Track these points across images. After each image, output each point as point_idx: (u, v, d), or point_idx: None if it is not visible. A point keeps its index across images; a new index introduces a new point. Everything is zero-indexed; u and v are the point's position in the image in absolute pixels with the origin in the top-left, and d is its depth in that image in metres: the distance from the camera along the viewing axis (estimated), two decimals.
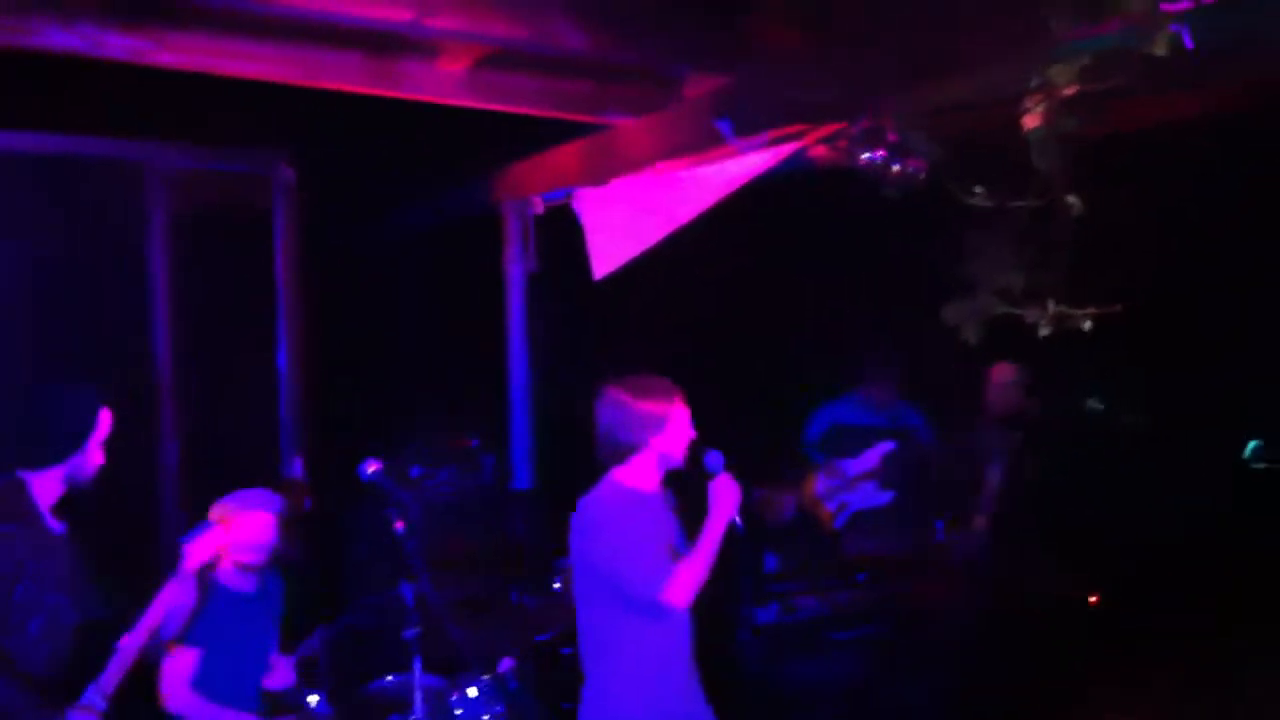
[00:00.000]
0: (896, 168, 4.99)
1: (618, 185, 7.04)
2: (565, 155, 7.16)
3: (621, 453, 4.28)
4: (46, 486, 4.07)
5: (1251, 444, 6.29)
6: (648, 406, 4.24)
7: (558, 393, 7.90)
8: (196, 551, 4.34)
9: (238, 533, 5.15)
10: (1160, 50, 3.80)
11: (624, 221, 7.05)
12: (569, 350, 7.97)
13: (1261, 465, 6.26)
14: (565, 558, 5.95)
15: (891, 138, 4.91)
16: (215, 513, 5.19)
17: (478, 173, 7.79)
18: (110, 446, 4.23)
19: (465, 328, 8.02)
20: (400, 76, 5.57)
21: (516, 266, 7.82)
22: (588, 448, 7.97)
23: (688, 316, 7.85)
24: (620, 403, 4.27)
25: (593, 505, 4.27)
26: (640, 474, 4.29)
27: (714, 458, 4.29)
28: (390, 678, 5.15)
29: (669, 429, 4.25)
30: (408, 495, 4.85)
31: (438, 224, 8.28)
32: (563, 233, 7.40)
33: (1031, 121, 4.06)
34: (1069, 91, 3.98)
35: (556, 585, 5.87)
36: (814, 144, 5.69)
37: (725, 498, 4.24)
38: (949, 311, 4.49)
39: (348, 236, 7.80)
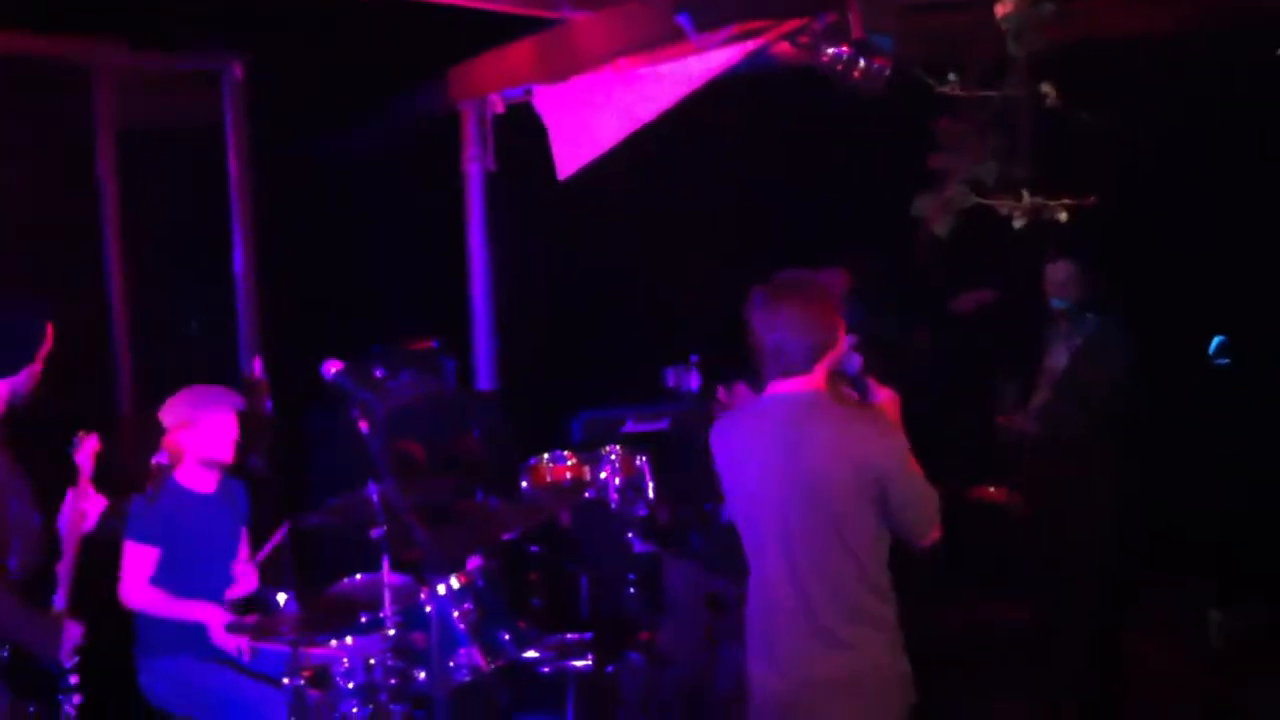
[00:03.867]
0: (861, 65, 4.88)
1: (578, 83, 6.92)
2: (522, 51, 7.05)
3: (806, 364, 3.72)
4: None
5: (1215, 340, 6.33)
6: (835, 302, 3.76)
7: (519, 294, 7.86)
8: (82, 457, 4.33)
9: (199, 433, 5.13)
10: None
11: (586, 121, 6.94)
12: (530, 252, 7.92)
13: (1224, 362, 6.31)
14: (531, 458, 6.02)
15: (856, 34, 4.77)
16: (172, 414, 5.16)
17: (433, 71, 7.66)
18: (62, 357, 4.21)
19: (425, 229, 7.95)
20: None
21: (475, 166, 7.70)
22: (549, 349, 8.03)
23: (650, 217, 7.79)
24: (804, 300, 3.71)
25: (848, 422, 3.70)
26: (819, 384, 3.76)
27: (851, 361, 3.87)
28: (359, 577, 5.13)
29: (843, 334, 3.77)
30: (370, 396, 4.77)
31: (394, 125, 8.16)
32: (523, 132, 7.30)
33: (1004, 7, 3.97)
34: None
35: (523, 484, 5.85)
36: (776, 40, 5.61)
37: (890, 402, 3.86)
38: (919, 203, 4.41)
39: (302, 138, 7.68)
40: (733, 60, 6.04)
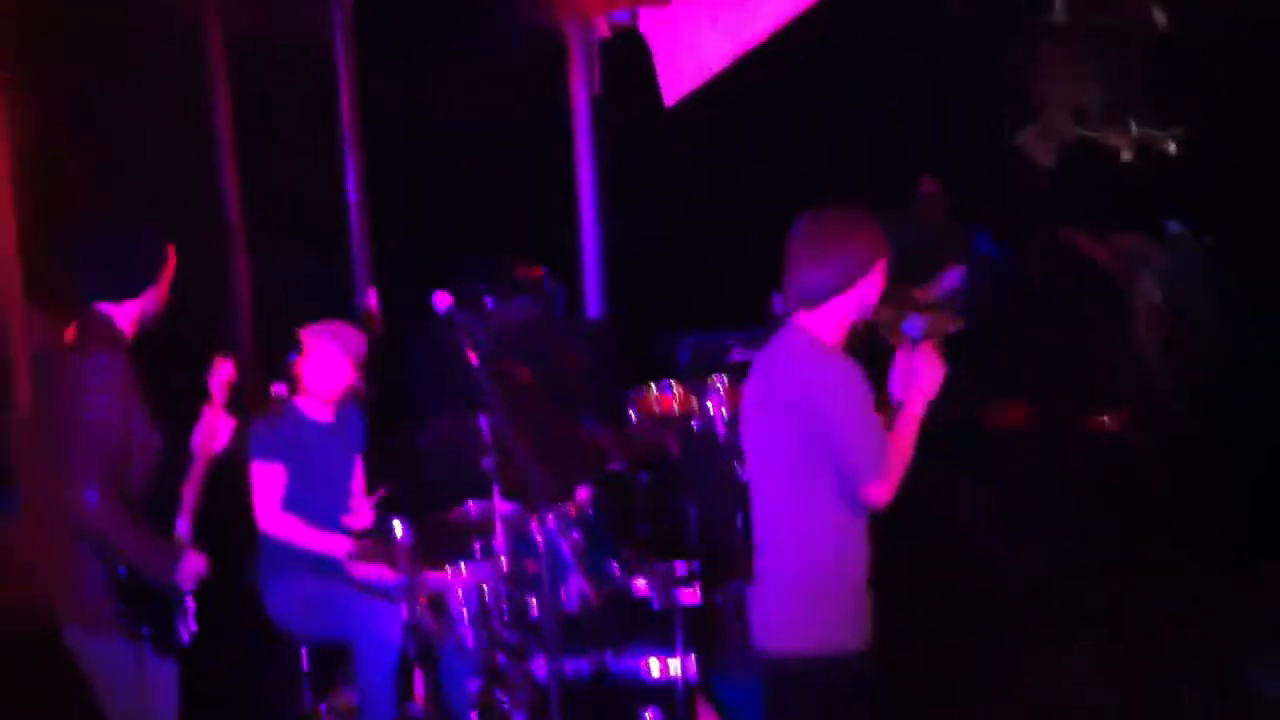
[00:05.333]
0: None
1: (684, 4, 6.87)
2: None
3: (816, 298, 3.61)
4: (124, 319, 4.13)
5: None
6: (862, 241, 3.59)
7: (627, 219, 7.85)
8: (216, 381, 4.41)
9: (317, 363, 5.22)
10: None
11: (692, 44, 6.90)
12: (639, 177, 7.90)
13: None
14: (638, 388, 6.06)
15: None
16: (297, 345, 5.26)
17: None
18: (181, 282, 4.30)
19: (531, 151, 7.94)
20: None
21: (582, 91, 7.69)
22: (658, 273, 8.03)
23: (759, 143, 7.72)
24: (829, 232, 3.60)
25: (807, 361, 3.61)
26: (830, 326, 3.64)
27: (913, 324, 3.72)
28: (471, 504, 5.22)
29: (875, 274, 3.62)
30: (480, 329, 4.82)
31: (499, 48, 8.14)
32: (629, 56, 7.26)
33: None
34: None
35: (630, 415, 5.90)
36: None
37: (929, 374, 3.67)
38: (1021, 136, 4.27)
39: (409, 64, 7.70)
40: None
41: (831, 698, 3.66)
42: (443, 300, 4.53)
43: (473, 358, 4.54)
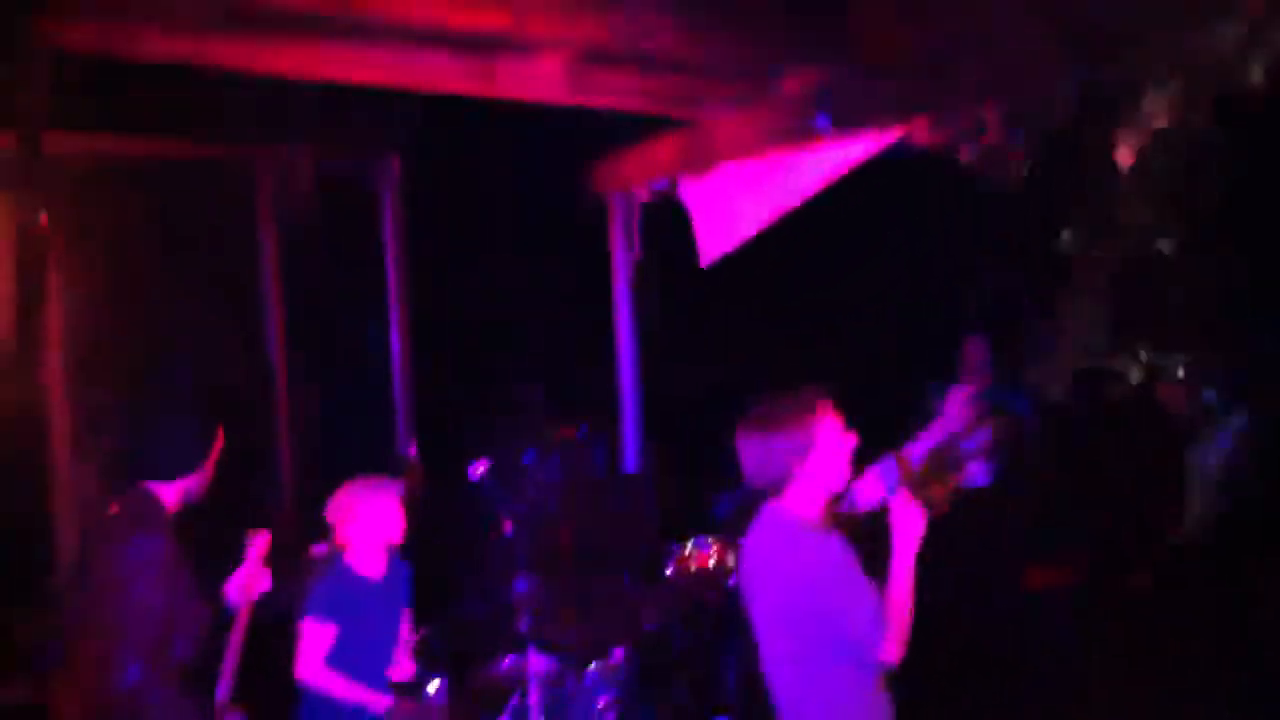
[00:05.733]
0: (997, 159, 4.92)
1: (721, 172, 7.08)
2: (666, 147, 7.23)
3: (772, 486, 3.74)
4: (170, 497, 4.27)
5: None
6: (787, 432, 3.68)
7: (665, 379, 7.99)
8: (253, 550, 4.50)
9: (363, 522, 5.29)
10: None
11: (729, 208, 7.09)
12: (676, 337, 8.05)
13: None
14: (675, 545, 6.13)
15: (992, 138, 4.81)
16: (336, 509, 5.35)
17: (579, 163, 7.89)
18: (229, 452, 4.44)
19: (571, 315, 8.13)
20: (499, 76, 5.63)
21: (621, 254, 7.90)
22: (694, 432, 8.12)
23: (794, 302, 7.87)
24: (756, 438, 3.73)
25: (786, 541, 3.71)
26: (803, 502, 3.74)
27: (887, 469, 3.80)
28: (507, 661, 5.26)
29: (819, 449, 3.69)
30: (518, 488, 4.94)
31: (541, 215, 8.40)
32: (668, 220, 7.47)
33: (1127, 157, 3.93)
34: (1162, 122, 3.85)
35: (668, 571, 5.96)
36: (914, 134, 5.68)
37: (908, 522, 3.70)
38: (1034, 374, 4.40)
39: (453, 228, 7.94)
40: (872, 151, 6.12)
41: None
42: (478, 468, 4.65)
43: (507, 525, 4.64)
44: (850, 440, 3.75)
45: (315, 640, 5.13)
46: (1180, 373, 4.31)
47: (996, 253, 6.85)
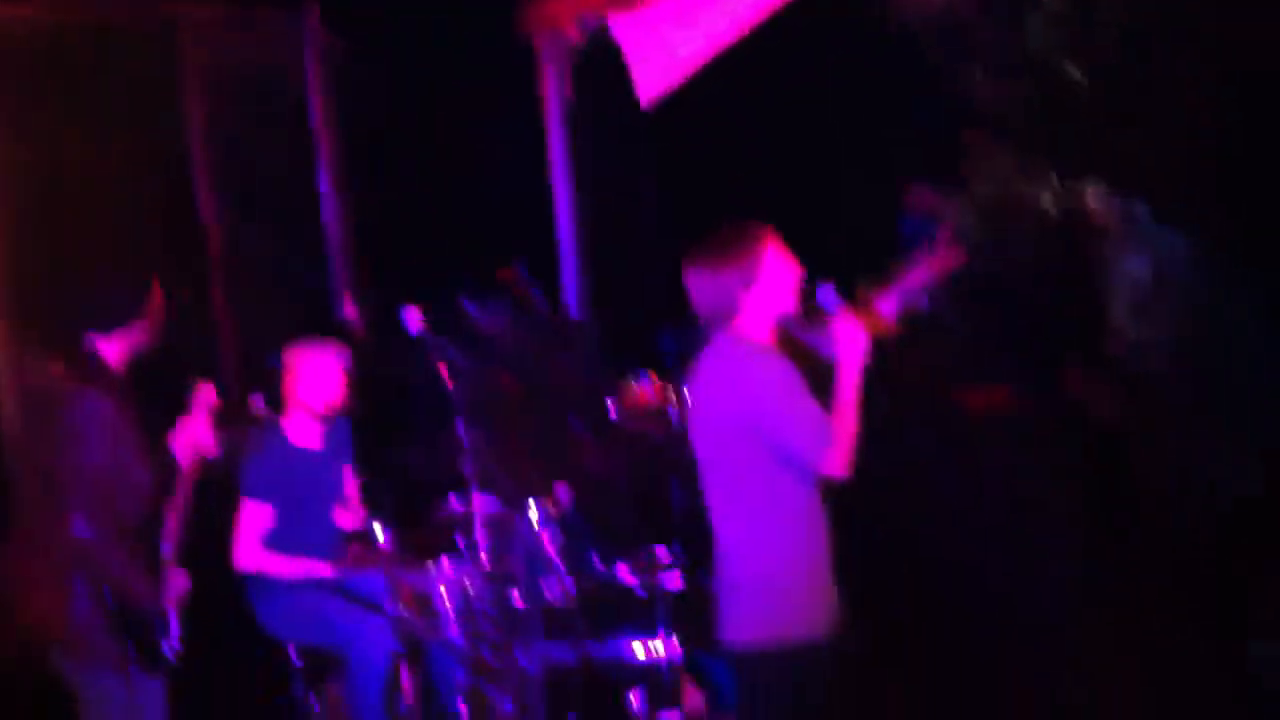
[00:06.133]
0: None
1: (653, 6, 6.94)
2: None
3: (721, 317, 3.83)
4: (112, 353, 4.25)
5: None
6: (731, 264, 3.78)
7: (604, 216, 7.94)
8: (197, 404, 4.49)
9: (304, 380, 5.30)
10: None
11: (665, 44, 6.97)
12: (616, 178, 7.98)
13: None
14: (619, 386, 6.17)
15: None
16: (276, 367, 5.35)
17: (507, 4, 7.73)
18: (165, 311, 4.41)
19: (507, 160, 8.03)
20: None
21: (554, 94, 7.79)
22: (637, 275, 8.11)
23: (740, 139, 7.78)
24: (702, 273, 3.83)
25: (731, 362, 3.81)
26: (752, 331, 3.84)
27: (827, 294, 3.85)
28: (451, 503, 5.31)
29: (763, 279, 3.79)
30: (453, 346, 4.96)
31: (473, 58, 8.24)
32: (603, 58, 7.36)
33: None
34: None
35: (611, 409, 6.01)
36: None
37: (851, 341, 3.80)
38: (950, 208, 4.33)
39: (379, 78, 7.79)
40: None
41: (796, 689, 3.78)
42: (413, 318, 4.64)
43: (445, 375, 4.65)
44: (795, 270, 3.85)
45: (251, 523, 5.15)
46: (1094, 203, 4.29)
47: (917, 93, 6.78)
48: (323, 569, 5.11)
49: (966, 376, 6.96)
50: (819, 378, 3.84)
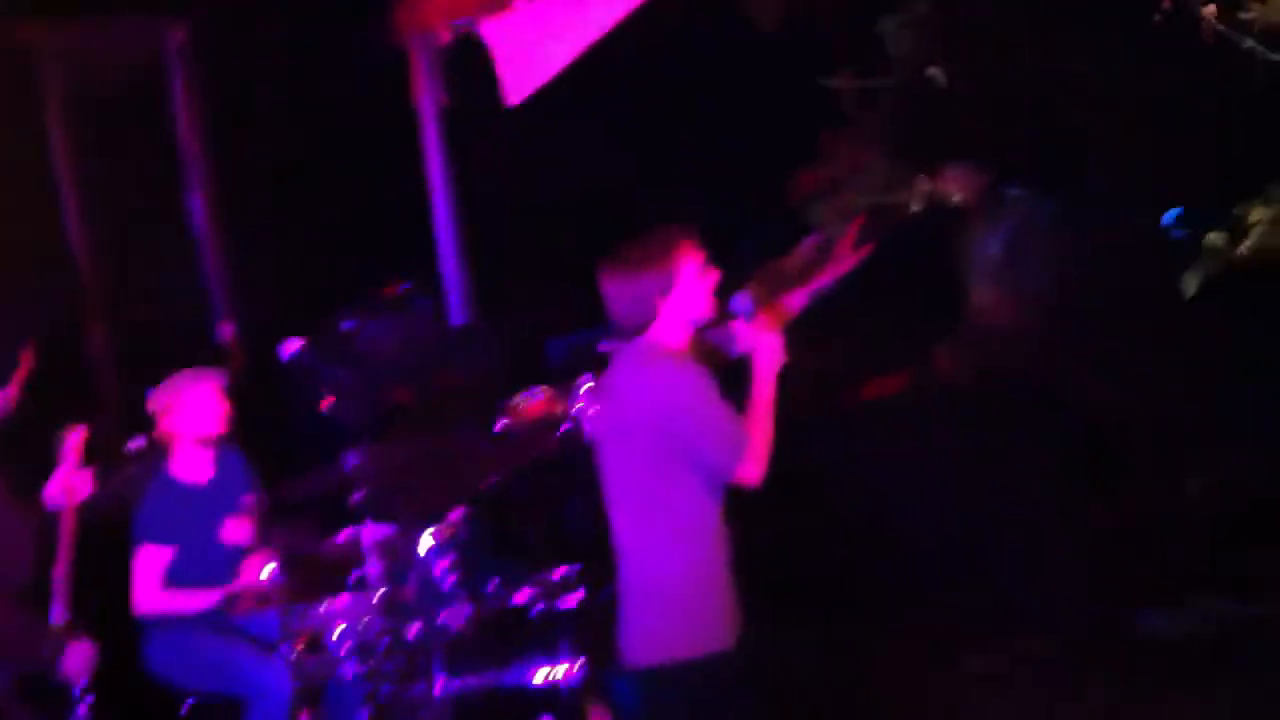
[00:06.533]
0: None
1: (522, 9, 6.89)
2: None
3: (638, 324, 3.77)
4: None
5: (1170, 212, 6.29)
6: (650, 270, 3.72)
7: (485, 224, 7.84)
8: (68, 448, 4.36)
9: (184, 413, 5.14)
10: None
11: (533, 45, 6.95)
12: (493, 180, 7.88)
13: (1181, 233, 6.28)
14: (508, 396, 6.08)
15: None
16: (155, 402, 5.18)
17: (376, 8, 7.58)
18: (37, 345, 4.27)
19: (381, 168, 7.89)
20: None
21: (428, 99, 7.69)
22: (520, 276, 8.04)
23: (612, 139, 7.72)
24: (619, 279, 3.76)
25: (647, 370, 3.75)
26: (668, 338, 3.79)
27: (741, 301, 3.84)
28: (342, 536, 5.20)
29: (680, 285, 3.74)
30: (339, 357, 4.85)
31: (342, 67, 8.07)
32: (472, 61, 7.26)
33: None
34: None
35: (500, 425, 5.92)
36: None
37: (766, 346, 3.81)
38: (813, 210, 4.36)
39: (246, 91, 7.61)
40: None
41: (701, 704, 3.73)
42: (288, 348, 4.52)
43: (326, 403, 4.55)
44: (712, 275, 3.82)
45: (149, 567, 4.99)
46: (956, 197, 4.35)
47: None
48: (216, 597, 4.96)
49: (861, 367, 7.04)
50: (725, 379, 3.81)
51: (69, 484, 4.34)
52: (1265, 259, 4.07)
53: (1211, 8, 3.85)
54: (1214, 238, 4.10)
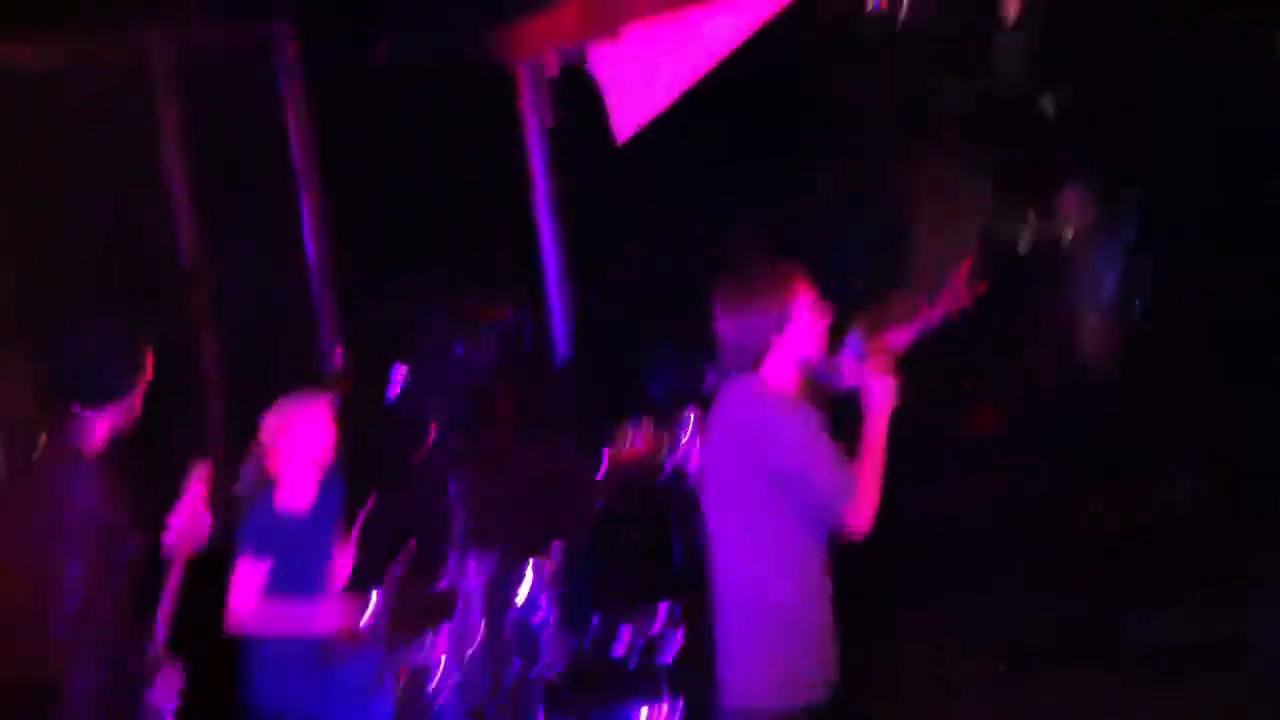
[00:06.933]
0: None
1: (631, 40, 6.86)
2: (571, 10, 6.98)
3: (749, 360, 3.74)
4: (102, 425, 4.13)
5: None
6: (765, 306, 3.71)
7: (594, 256, 7.80)
8: (195, 483, 4.36)
9: (296, 440, 5.11)
10: None
11: (641, 76, 6.93)
12: (602, 211, 7.84)
13: None
14: (612, 430, 6.05)
15: None
16: (266, 431, 5.16)
17: (483, 30, 7.58)
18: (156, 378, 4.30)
19: (488, 192, 7.88)
20: None
21: (534, 127, 7.68)
22: (627, 306, 7.98)
23: (722, 172, 7.66)
24: (731, 309, 3.75)
25: (758, 409, 3.72)
26: (778, 376, 3.76)
27: (852, 340, 3.89)
28: (447, 570, 5.17)
29: (794, 323, 3.72)
30: (446, 385, 4.83)
31: (452, 89, 8.09)
32: (584, 92, 7.24)
33: (1013, 5, 3.78)
34: None
35: (606, 459, 5.88)
36: None
37: (880, 390, 3.75)
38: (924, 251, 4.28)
39: (358, 107, 7.64)
40: (778, 6, 5.95)
41: None
42: (398, 377, 4.50)
43: (432, 430, 4.53)
44: (825, 313, 3.81)
45: (248, 579, 4.92)
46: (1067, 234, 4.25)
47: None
48: (327, 610, 4.93)
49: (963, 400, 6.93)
50: (835, 420, 3.79)
51: (190, 521, 4.33)
52: None
53: None
54: None
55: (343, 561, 5.22)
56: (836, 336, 3.90)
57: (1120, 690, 5.24)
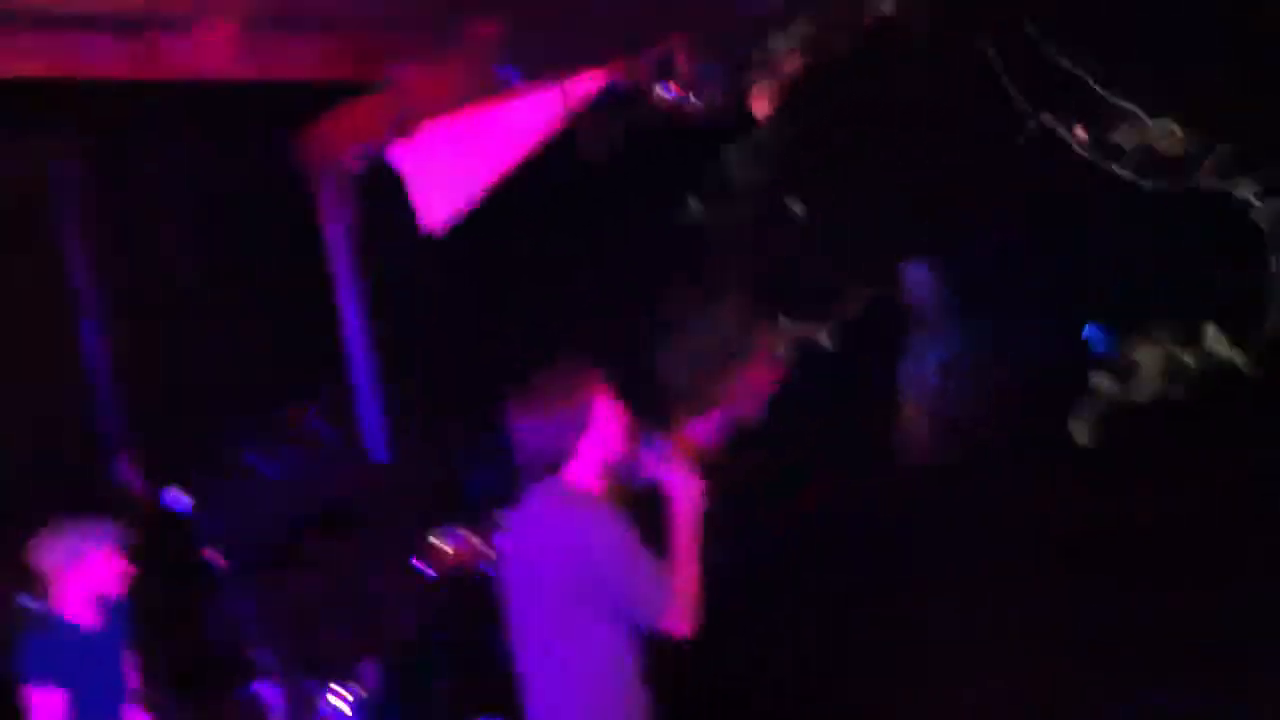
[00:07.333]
0: (693, 100, 4.73)
1: (428, 134, 6.77)
2: (366, 111, 6.88)
3: (552, 464, 3.65)
4: None
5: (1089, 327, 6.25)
6: (565, 409, 3.62)
7: (406, 355, 7.60)
8: None
9: (79, 579, 4.74)
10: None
11: (443, 171, 6.87)
12: (411, 306, 7.67)
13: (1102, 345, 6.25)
14: (424, 539, 5.80)
15: (684, 73, 4.62)
16: (50, 557, 4.77)
17: (278, 136, 7.39)
18: None
19: (290, 297, 7.63)
20: (163, 55, 5.14)
21: (336, 228, 7.50)
22: (440, 412, 7.79)
23: (532, 263, 7.55)
24: (532, 417, 3.64)
25: (564, 513, 3.61)
26: (583, 477, 3.67)
27: (655, 442, 3.76)
28: (255, 688, 4.87)
29: (596, 424, 3.64)
30: (234, 500, 4.58)
31: (250, 193, 7.86)
32: (384, 185, 7.10)
33: (762, 106, 3.76)
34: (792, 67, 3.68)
35: (418, 567, 5.64)
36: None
37: (686, 492, 3.66)
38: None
39: (143, 219, 7.36)
40: (574, 102, 5.94)
41: None
42: (175, 498, 4.25)
43: (217, 562, 4.28)
44: (624, 413, 3.71)
45: (43, 710, 4.53)
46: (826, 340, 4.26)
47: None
48: None
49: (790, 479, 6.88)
50: (641, 517, 3.64)
51: None
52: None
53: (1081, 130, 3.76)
54: (1101, 380, 3.97)
55: (132, 678, 4.87)
56: (638, 436, 3.77)
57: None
